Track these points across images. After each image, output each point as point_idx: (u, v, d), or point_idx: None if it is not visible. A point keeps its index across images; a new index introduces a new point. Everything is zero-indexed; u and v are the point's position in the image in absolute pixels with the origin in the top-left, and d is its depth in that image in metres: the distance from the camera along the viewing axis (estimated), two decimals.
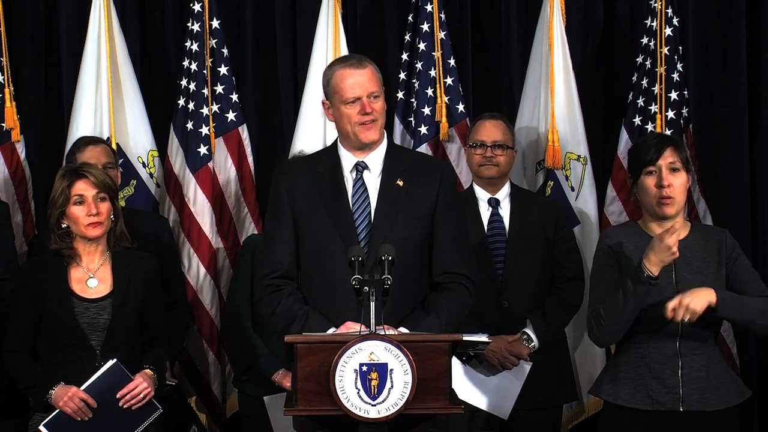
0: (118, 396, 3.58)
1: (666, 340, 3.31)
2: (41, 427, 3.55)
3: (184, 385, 4.73)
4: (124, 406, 3.59)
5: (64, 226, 3.65)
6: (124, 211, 4.25)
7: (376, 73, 3.27)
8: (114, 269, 3.68)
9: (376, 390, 2.86)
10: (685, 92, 4.77)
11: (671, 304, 3.21)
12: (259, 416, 4.16)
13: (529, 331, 4.10)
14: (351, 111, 3.22)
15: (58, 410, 3.54)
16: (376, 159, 3.29)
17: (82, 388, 3.54)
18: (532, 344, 4.09)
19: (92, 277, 3.67)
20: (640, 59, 4.79)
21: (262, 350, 4.08)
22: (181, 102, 4.79)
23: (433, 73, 4.82)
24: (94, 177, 3.65)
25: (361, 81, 3.21)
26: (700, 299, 3.21)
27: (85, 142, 4.30)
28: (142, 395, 3.60)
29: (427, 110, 4.82)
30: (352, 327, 3.04)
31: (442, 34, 4.82)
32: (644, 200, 3.41)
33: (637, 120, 4.75)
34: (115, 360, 3.57)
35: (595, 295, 3.44)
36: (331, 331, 3.12)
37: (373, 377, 2.86)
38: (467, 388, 4.03)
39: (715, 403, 3.32)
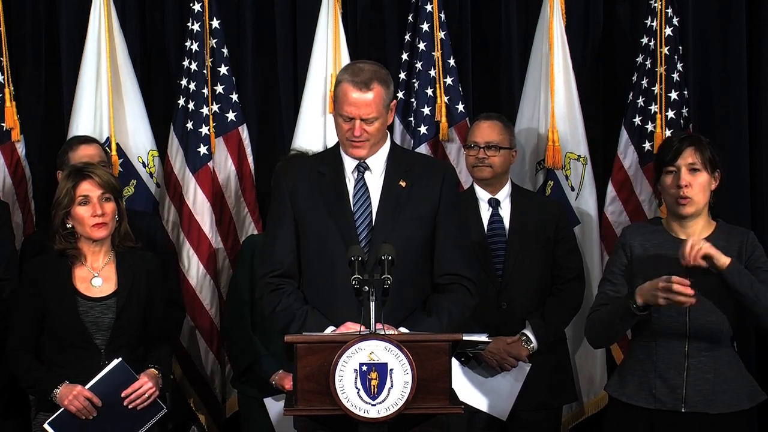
0: (123, 395, 3.58)
1: (674, 340, 3.30)
2: (46, 426, 3.56)
3: (184, 385, 4.73)
4: (129, 406, 3.59)
5: (69, 226, 3.66)
6: None
7: (383, 94, 3.21)
8: (118, 269, 3.69)
9: (376, 390, 2.86)
10: (685, 92, 4.77)
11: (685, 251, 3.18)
12: (258, 417, 4.15)
13: (528, 333, 4.09)
14: (344, 125, 3.24)
15: (62, 409, 3.55)
16: (378, 160, 3.30)
17: (87, 386, 3.55)
18: (531, 345, 4.09)
19: (97, 276, 3.67)
20: (640, 59, 4.79)
21: (262, 351, 4.07)
22: (181, 102, 4.80)
23: (432, 72, 4.82)
24: (99, 177, 3.66)
25: (360, 104, 3.19)
26: (712, 248, 3.19)
27: (78, 141, 4.30)
28: (147, 395, 3.60)
29: (426, 110, 4.82)
30: (351, 327, 3.04)
31: (442, 34, 4.82)
32: (665, 199, 3.42)
33: (637, 120, 4.75)
34: (120, 359, 3.58)
35: (599, 295, 3.46)
36: (329, 330, 3.12)
37: (373, 377, 2.86)
38: (466, 388, 4.03)
39: (720, 406, 3.30)
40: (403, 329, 3.11)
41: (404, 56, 4.87)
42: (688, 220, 3.37)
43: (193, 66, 4.76)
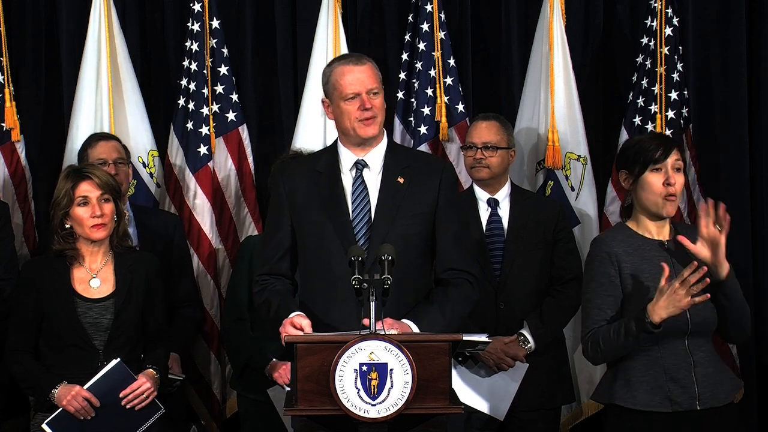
0: (121, 395, 3.58)
1: (675, 339, 3.27)
2: (44, 426, 3.55)
3: (184, 385, 4.73)
4: (127, 406, 3.59)
5: (67, 227, 3.65)
6: (135, 208, 4.28)
7: (376, 70, 3.28)
8: (116, 269, 3.68)
9: (376, 390, 2.86)
10: (685, 92, 4.77)
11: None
12: (258, 417, 4.16)
13: (526, 333, 4.09)
14: (350, 107, 3.23)
15: (61, 409, 3.55)
16: (376, 157, 3.29)
17: (86, 387, 3.55)
18: (528, 346, 4.08)
19: (95, 278, 3.67)
20: (640, 59, 4.79)
21: (258, 348, 4.06)
22: (181, 102, 4.80)
23: (433, 73, 4.82)
24: (98, 178, 3.66)
25: (360, 77, 3.22)
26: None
27: (97, 138, 4.33)
28: (145, 395, 3.60)
29: (426, 110, 4.82)
30: (297, 322, 3.04)
31: (442, 34, 4.82)
32: (646, 198, 3.35)
33: (637, 120, 4.75)
34: (118, 359, 3.58)
35: (593, 308, 3.34)
36: (294, 314, 3.11)
37: (373, 377, 2.86)
38: (463, 388, 4.02)
39: (723, 397, 3.31)
40: (406, 321, 3.10)
41: (404, 56, 4.87)
42: (663, 219, 3.36)
43: (193, 66, 4.77)
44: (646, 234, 3.38)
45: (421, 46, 4.82)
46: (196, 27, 4.77)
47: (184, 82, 4.79)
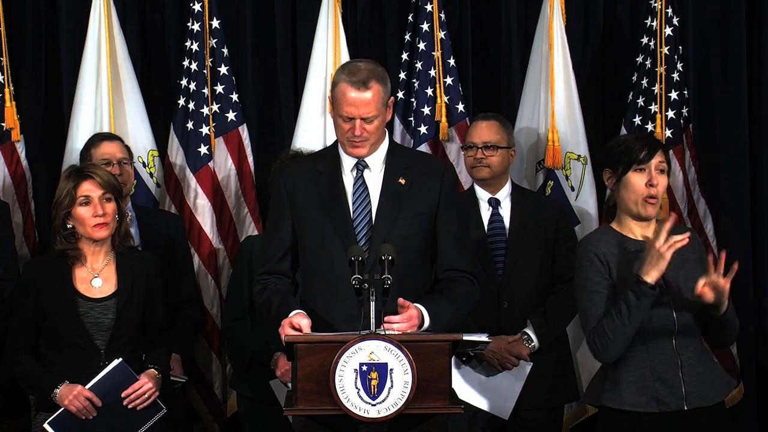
0: (122, 395, 3.58)
1: (663, 339, 3.29)
2: (46, 425, 3.55)
3: (185, 386, 4.73)
4: (129, 406, 3.59)
5: (69, 226, 3.65)
6: (137, 208, 4.28)
7: (381, 92, 3.21)
8: (118, 269, 3.68)
9: (376, 390, 2.86)
10: (685, 92, 4.78)
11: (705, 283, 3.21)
12: (258, 417, 4.16)
13: (529, 332, 4.10)
14: (344, 126, 3.23)
15: (62, 409, 3.54)
16: (377, 158, 3.30)
17: (88, 386, 3.54)
18: (532, 344, 4.09)
19: (97, 277, 3.67)
20: (640, 59, 4.79)
21: (261, 342, 4.06)
22: (181, 102, 4.80)
23: (433, 72, 4.82)
24: (100, 177, 3.66)
25: (359, 104, 3.19)
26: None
27: (101, 138, 4.33)
28: (147, 395, 3.60)
29: (426, 110, 4.82)
30: (296, 322, 3.04)
31: (442, 34, 4.82)
32: (628, 198, 3.36)
33: (637, 120, 4.76)
34: (120, 359, 3.58)
35: (592, 307, 3.32)
36: (293, 313, 3.11)
37: (373, 377, 2.86)
38: (467, 388, 4.03)
39: (712, 397, 3.32)
40: (418, 305, 3.09)
41: (404, 56, 4.88)
42: (646, 220, 3.36)
43: (193, 66, 4.77)
44: (629, 234, 3.38)
45: (421, 46, 4.83)
46: (196, 27, 4.77)
47: (184, 82, 4.80)
